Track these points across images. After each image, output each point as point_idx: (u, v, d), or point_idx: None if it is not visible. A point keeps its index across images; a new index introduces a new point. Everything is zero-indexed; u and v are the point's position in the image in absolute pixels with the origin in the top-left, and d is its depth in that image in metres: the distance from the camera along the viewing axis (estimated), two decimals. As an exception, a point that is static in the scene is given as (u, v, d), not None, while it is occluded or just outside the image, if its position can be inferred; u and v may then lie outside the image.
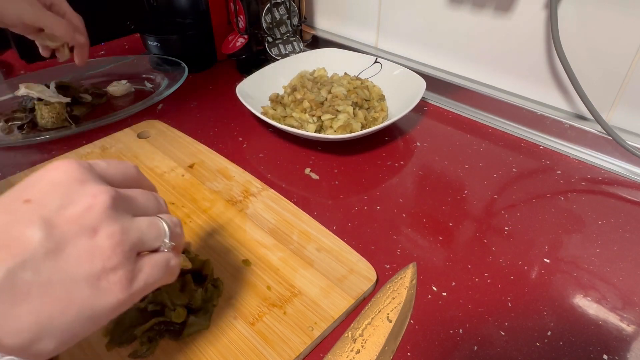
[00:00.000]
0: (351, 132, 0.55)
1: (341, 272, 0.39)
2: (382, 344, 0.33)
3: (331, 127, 0.56)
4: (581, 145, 0.56)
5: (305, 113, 0.58)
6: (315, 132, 0.56)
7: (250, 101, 0.60)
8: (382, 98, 0.64)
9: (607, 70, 0.52)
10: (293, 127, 0.57)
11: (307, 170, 0.54)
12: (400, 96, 0.62)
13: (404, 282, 0.38)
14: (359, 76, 0.68)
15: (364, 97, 0.61)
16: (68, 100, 0.62)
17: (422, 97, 0.60)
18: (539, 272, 0.40)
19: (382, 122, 0.58)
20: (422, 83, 0.61)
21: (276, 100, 0.63)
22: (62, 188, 0.23)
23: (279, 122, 0.57)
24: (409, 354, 0.34)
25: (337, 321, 0.36)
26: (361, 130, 0.56)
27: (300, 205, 0.47)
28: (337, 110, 0.57)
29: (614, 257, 0.42)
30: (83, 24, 0.56)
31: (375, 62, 0.68)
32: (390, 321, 0.35)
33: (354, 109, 0.58)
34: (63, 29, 0.52)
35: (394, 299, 0.37)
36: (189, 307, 0.35)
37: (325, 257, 0.41)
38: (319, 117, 0.57)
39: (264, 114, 0.59)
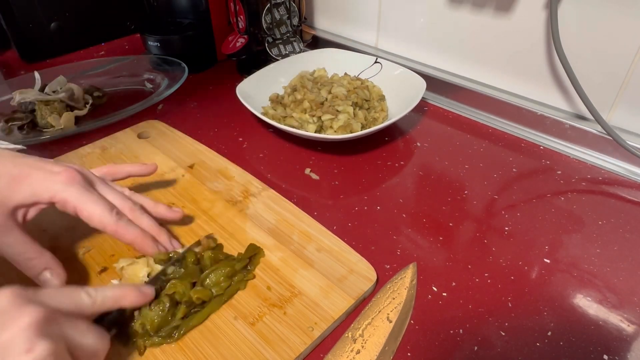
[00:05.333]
0: (351, 132, 0.55)
1: (341, 272, 0.39)
2: (382, 344, 0.33)
3: (331, 127, 0.56)
4: (581, 146, 0.56)
5: (305, 113, 0.58)
6: (315, 132, 0.56)
7: (250, 101, 0.60)
8: (382, 98, 0.64)
9: (608, 70, 0.52)
10: (293, 127, 0.57)
11: (307, 171, 0.54)
12: (400, 96, 0.62)
13: (404, 282, 0.38)
14: (359, 76, 0.68)
15: (364, 97, 0.61)
16: (63, 94, 0.62)
17: (422, 97, 0.60)
18: (539, 272, 0.40)
19: (382, 122, 0.58)
20: (422, 83, 0.61)
21: (276, 100, 0.63)
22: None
23: (279, 122, 0.57)
24: (409, 354, 0.34)
25: (337, 321, 0.36)
26: (361, 130, 0.56)
27: (301, 206, 0.47)
28: (337, 111, 0.57)
29: (614, 257, 0.42)
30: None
31: (376, 62, 0.68)
32: (391, 321, 0.35)
33: (354, 109, 0.58)
34: None
35: (394, 299, 0.37)
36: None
37: (325, 257, 0.41)
38: (319, 117, 0.57)
39: (264, 114, 0.59)
